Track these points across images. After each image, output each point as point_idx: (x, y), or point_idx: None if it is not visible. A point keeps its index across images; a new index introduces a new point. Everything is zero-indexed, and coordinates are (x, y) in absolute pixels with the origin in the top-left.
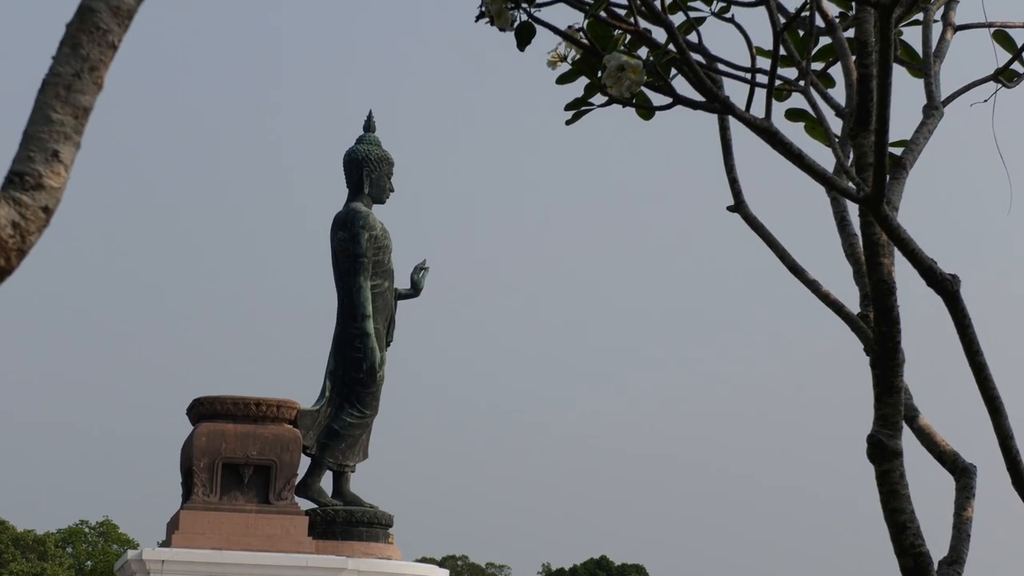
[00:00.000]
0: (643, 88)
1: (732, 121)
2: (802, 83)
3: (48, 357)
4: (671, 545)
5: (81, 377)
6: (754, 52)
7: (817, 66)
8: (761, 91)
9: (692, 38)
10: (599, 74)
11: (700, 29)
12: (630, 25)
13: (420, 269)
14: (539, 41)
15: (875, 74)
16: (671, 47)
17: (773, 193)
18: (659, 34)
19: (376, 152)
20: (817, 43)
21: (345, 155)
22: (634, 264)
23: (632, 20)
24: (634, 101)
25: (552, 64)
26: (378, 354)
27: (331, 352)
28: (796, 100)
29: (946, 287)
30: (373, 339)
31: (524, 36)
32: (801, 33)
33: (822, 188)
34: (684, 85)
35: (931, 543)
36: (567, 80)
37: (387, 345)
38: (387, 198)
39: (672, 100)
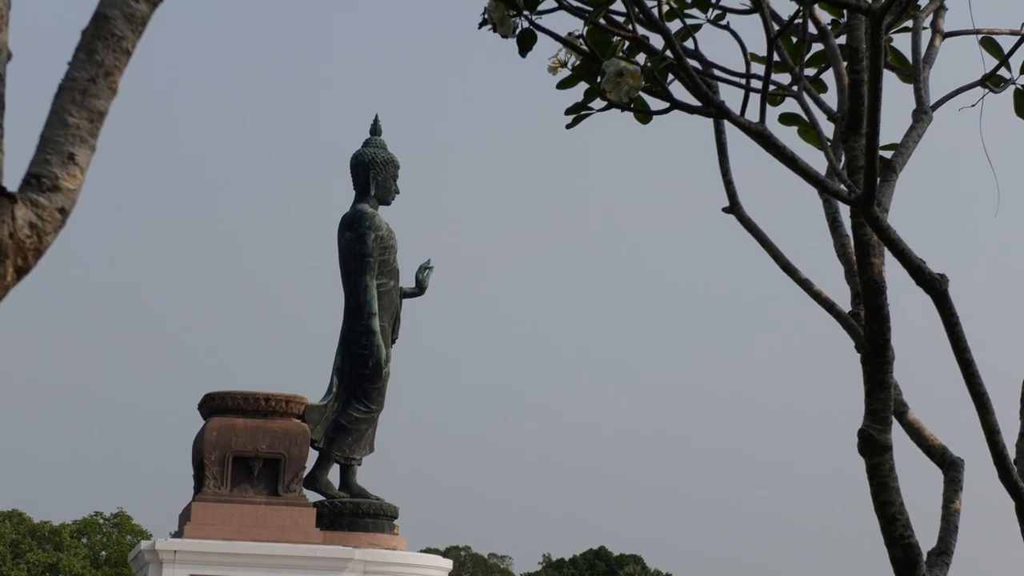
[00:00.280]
0: (641, 93)
1: (727, 125)
2: (795, 88)
3: (64, 366)
4: (668, 536)
5: (97, 384)
6: (748, 58)
7: (810, 72)
8: (755, 96)
9: (688, 44)
10: (598, 79)
11: (696, 36)
12: (628, 32)
13: (425, 268)
14: (540, 47)
15: (866, 79)
16: (668, 53)
17: (767, 195)
18: (656, 41)
19: (382, 155)
20: (810, 49)
21: (352, 158)
22: (634, 264)
23: (630, 27)
24: (632, 106)
25: (553, 70)
26: (384, 351)
27: (338, 349)
28: (789, 105)
29: (935, 286)
30: (379, 336)
31: (526, 43)
32: (794, 40)
33: (815, 190)
34: (681, 90)
35: (920, 535)
36: (567, 85)
37: (392, 342)
38: (392, 199)
39: (669, 105)
